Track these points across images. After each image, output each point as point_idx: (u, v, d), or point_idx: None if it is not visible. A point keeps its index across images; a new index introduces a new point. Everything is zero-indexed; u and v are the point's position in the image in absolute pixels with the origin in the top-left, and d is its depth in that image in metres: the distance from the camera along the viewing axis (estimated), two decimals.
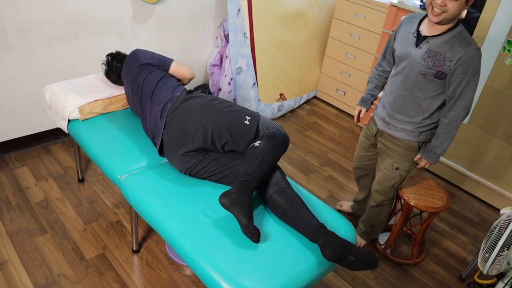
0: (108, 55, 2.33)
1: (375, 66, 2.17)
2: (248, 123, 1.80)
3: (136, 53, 2.16)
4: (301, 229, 1.61)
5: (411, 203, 2.13)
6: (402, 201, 2.28)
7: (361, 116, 2.20)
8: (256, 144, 1.75)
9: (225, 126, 1.79)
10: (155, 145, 1.98)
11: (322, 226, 1.59)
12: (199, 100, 1.88)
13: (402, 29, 1.89)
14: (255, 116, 1.83)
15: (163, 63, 2.15)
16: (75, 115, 2.19)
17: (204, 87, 2.13)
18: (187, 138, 1.81)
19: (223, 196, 1.62)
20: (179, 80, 2.20)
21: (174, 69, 2.16)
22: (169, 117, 1.87)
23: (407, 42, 1.84)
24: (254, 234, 1.57)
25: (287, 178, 1.85)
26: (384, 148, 2.08)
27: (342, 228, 1.72)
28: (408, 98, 1.89)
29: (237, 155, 1.86)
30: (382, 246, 2.39)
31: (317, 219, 1.61)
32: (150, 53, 2.18)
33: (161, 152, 1.97)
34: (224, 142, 1.81)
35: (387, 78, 2.11)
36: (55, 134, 2.96)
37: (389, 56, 2.05)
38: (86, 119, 2.22)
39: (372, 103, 2.21)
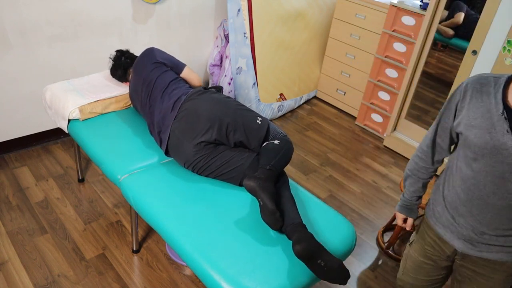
0: (118, 50, 2.38)
1: (418, 156, 1.45)
2: (259, 122, 1.89)
3: (153, 50, 2.22)
4: (284, 226, 1.61)
5: None
6: None
7: (407, 228, 1.55)
8: (275, 142, 1.84)
9: (240, 121, 1.85)
10: (160, 140, 1.98)
11: (302, 226, 1.57)
12: (216, 95, 1.96)
13: (471, 102, 1.22)
14: (265, 119, 1.94)
15: (176, 66, 2.23)
16: (75, 115, 2.19)
17: (218, 88, 2.16)
18: (203, 127, 1.83)
19: (250, 179, 1.61)
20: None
21: (186, 73, 2.24)
22: (183, 108, 1.90)
23: (489, 126, 1.18)
24: (277, 222, 1.56)
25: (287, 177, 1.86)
26: (474, 275, 1.39)
27: (342, 228, 1.72)
28: (504, 206, 1.23)
29: (243, 153, 1.87)
30: (385, 244, 2.39)
31: (300, 219, 1.60)
32: (165, 53, 2.25)
33: (166, 150, 1.97)
34: (237, 135, 1.85)
35: (434, 172, 1.46)
36: (55, 134, 2.96)
37: (442, 142, 1.37)
38: (86, 119, 2.22)
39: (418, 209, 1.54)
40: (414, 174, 1.46)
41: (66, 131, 2.24)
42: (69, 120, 2.21)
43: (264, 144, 1.85)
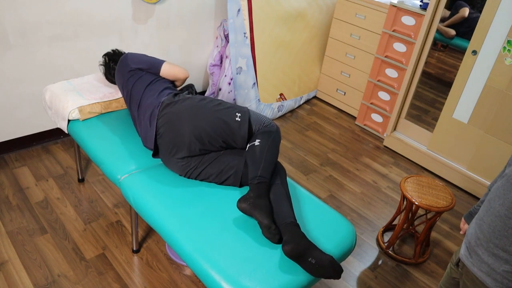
0: (105, 55, 2.30)
1: None
2: (239, 119, 1.81)
3: (126, 58, 2.13)
4: (277, 224, 1.60)
5: (414, 202, 2.13)
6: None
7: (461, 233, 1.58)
8: (256, 143, 1.76)
9: (218, 124, 1.80)
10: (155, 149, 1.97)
11: (295, 224, 1.56)
12: (188, 102, 1.86)
13: None
14: (244, 112, 1.85)
15: (153, 66, 2.11)
16: (75, 115, 2.19)
17: (190, 88, 2.11)
18: (183, 142, 1.80)
19: (241, 201, 1.62)
20: (172, 82, 2.17)
21: (165, 70, 2.11)
22: (159, 124, 1.85)
23: None
24: (275, 235, 1.56)
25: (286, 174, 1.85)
26: None
27: (342, 228, 1.72)
28: (506, 221, 1.17)
29: (234, 154, 1.86)
30: (385, 244, 2.39)
31: (294, 217, 1.60)
32: (141, 56, 2.14)
33: (155, 155, 1.96)
34: (220, 140, 1.81)
35: None
36: (55, 134, 2.96)
37: None
38: (86, 119, 2.22)
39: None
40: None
41: (66, 132, 2.24)
42: (68, 121, 2.21)
43: (247, 148, 1.79)
